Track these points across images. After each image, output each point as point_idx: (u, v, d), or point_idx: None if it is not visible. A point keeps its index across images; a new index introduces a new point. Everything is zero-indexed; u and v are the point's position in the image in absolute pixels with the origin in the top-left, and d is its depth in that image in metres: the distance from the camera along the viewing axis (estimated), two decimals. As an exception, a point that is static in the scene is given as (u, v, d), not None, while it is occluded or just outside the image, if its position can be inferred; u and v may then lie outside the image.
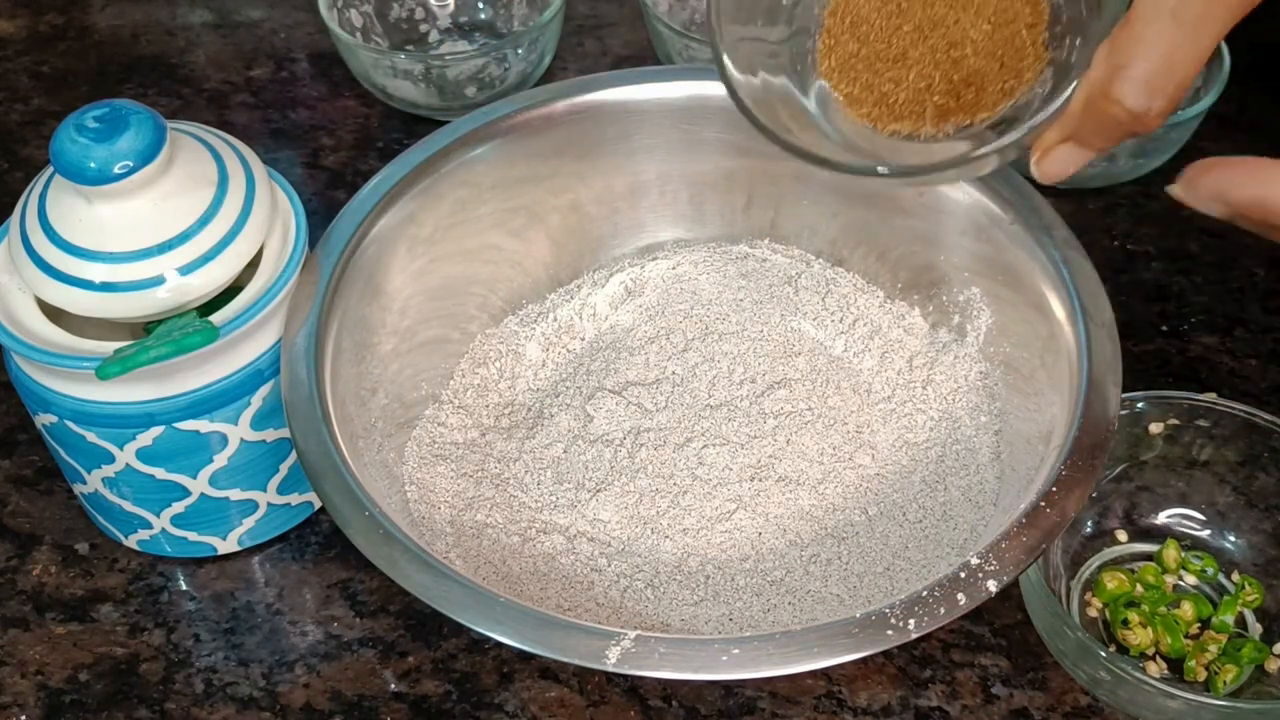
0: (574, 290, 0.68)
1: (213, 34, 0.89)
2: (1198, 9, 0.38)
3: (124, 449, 0.55)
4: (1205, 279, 0.72)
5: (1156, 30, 0.39)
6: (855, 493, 0.59)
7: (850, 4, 0.50)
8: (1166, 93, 0.40)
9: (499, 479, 0.60)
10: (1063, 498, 0.49)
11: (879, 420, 0.61)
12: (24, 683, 0.57)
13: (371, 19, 0.83)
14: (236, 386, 0.55)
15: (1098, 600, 0.58)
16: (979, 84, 0.48)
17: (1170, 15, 0.38)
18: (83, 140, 0.51)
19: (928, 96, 0.48)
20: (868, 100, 0.50)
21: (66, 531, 0.62)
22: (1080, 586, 0.59)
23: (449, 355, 0.64)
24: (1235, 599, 0.57)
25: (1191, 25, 0.38)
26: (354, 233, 0.59)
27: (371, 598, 0.59)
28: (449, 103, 0.79)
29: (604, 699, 0.56)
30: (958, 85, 0.48)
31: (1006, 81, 0.48)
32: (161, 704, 0.56)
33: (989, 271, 0.61)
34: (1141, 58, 0.39)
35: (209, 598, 0.60)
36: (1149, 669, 0.56)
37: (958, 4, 0.48)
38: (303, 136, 0.82)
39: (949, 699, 0.55)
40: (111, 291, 0.52)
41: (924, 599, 0.47)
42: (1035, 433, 0.56)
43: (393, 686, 0.57)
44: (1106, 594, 0.58)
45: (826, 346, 0.65)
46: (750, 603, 0.55)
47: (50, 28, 0.90)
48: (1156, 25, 0.39)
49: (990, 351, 0.61)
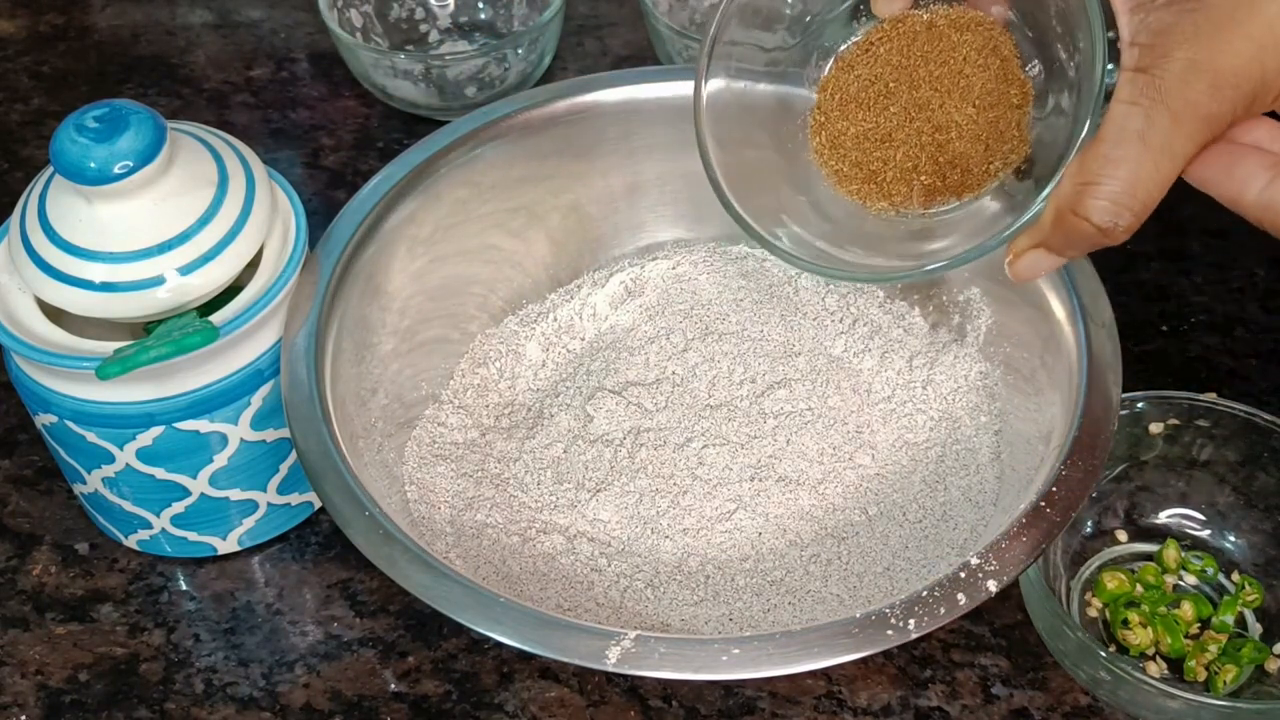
0: (574, 290, 0.68)
1: (213, 34, 0.89)
2: (1164, 135, 0.39)
3: (124, 449, 0.55)
4: (1205, 279, 0.72)
5: (1123, 153, 0.40)
6: (855, 493, 0.59)
7: (841, 82, 0.51)
8: (1133, 210, 0.41)
9: (499, 479, 0.60)
10: (1063, 498, 0.49)
11: (879, 420, 0.61)
12: (24, 683, 0.57)
13: (371, 19, 0.83)
14: (236, 386, 0.55)
15: (1098, 600, 0.58)
16: (964, 166, 0.49)
17: (1138, 138, 0.40)
18: (83, 140, 0.51)
19: (915, 176, 0.50)
20: (856, 177, 0.52)
21: (66, 531, 0.62)
22: (1080, 586, 0.59)
23: (449, 355, 0.64)
24: (1235, 599, 0.57)
25: (1158, 149, 0.40)
26: (354, 233, 0.59)
27: (371, 598, 0.59)
28: (449, 103, 0.79)
29: (604, 699, 0.56)
30: (944, 166, 0.49)
31: (991, 164, 0.49)
32: (161, 704, 0.56)
33: (989, 271, 0.61)
34: (1109, 178, 0.41)
35: (209, 598, 0.60)
36: (1149, 669, 0.56)
37: (943, 88, 0.49)
38: (303, 136, 0.82)
39: (949, 699, 0.55)
40: (111, 291, 0.52)
41: (924, 599, 0.47)
42: (1035, 433, 0.56)
43: (393, 686, 0.57)
44: (1106, 594, 0.58)
45: (826, 346, 0.65)
46: (750, 603, 0.55)
47: (50, 28, 0.90)
48: (1124, 148, 0.40)
49: (990, 351, 0.61)
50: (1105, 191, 0.41)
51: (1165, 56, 0.39)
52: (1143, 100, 0.40)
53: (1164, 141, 0.40)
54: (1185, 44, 0.38)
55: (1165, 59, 0.39)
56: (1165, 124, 0.40)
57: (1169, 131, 0.40)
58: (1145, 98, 0.39)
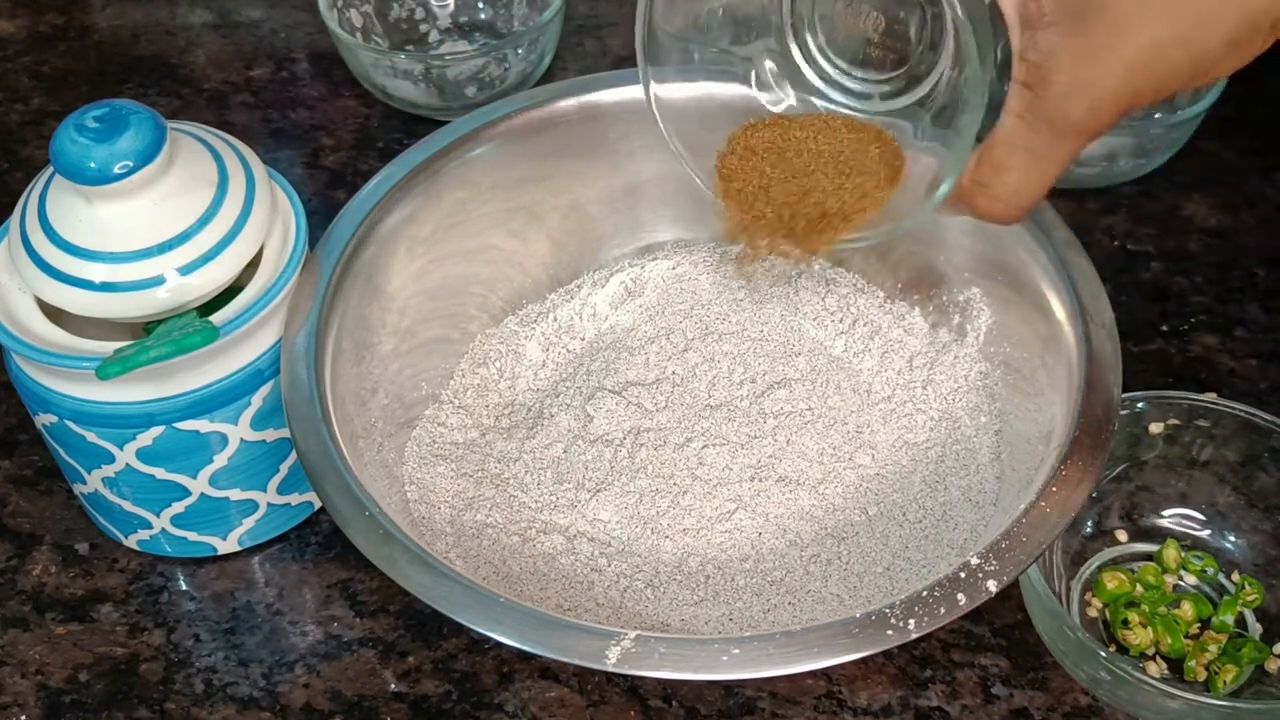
0: (574, 290, 0.68)
1: (213, 34, 0.89)
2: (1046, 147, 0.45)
3: (124, 449, 0.55)
4: (1205, 279, 0.72)
5: (1012, 161, 0.46)
6: (855, 493, 0.59)
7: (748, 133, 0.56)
8: (1021, 208, 0.47)
9: (499, 479, 0.60)
10: (1063, 498, 0.49)
11: (879, 420, 0.61)
12: (24, 683, 0.57)
13: (371, 19, 0.83)
14: (236, 386, 0.55)
15: (1098, 600, 0.58)
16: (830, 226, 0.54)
17: (1024, 149, 0.45)
18: (83, 140, 0.51)
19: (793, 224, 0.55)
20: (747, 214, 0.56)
21: (66, 531, 0.62)
22: (1080, 586, 0.59)
23: (449, 355, 0.64)
24: (1235, 599, 0.57)
25: (1042, 158, 0.45)
26: (354, 233, 0.59)
27: (371, 598, 0.59)
28: (449, 103, 0.79)
29: (604, 699, 0.56)
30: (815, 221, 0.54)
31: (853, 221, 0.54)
32: (161, 704, 0.56)
33: (989, 271, 0.61)
34: (999, 183, 0.47)
35: (209, 598, 0.60)
36: (1149, 669, 0.56)
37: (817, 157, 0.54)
38: (303, 136, 0.82)
39: (949, 699, 0.55)
40: (111, 291, 0.52)
41: (924, 599, 0.47)
42: (1035, 433, 0.56)
43: (393, 686, 0.57)
44: (1106, 594, 0.58)
45: (826, 346, 0.65)
46: (750, 603, 0.55)
47: (50, 28, 0.90)
48: (1013, 157, 0.46)
49: (990, 351, 0.61)
50: (995, 194, 0.47)
51: (1049, 78, 0.43)
52: (1028, 115, 0.44)
53: (1047, 153, 0.45)
54: (1066, 68, 0.42)
55: (1049, 80, 0.43)
56: (1049, 138, 0.44)
57: (1052, 144, 0.45)
58: (1031, 113, 0.44)
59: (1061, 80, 0.43)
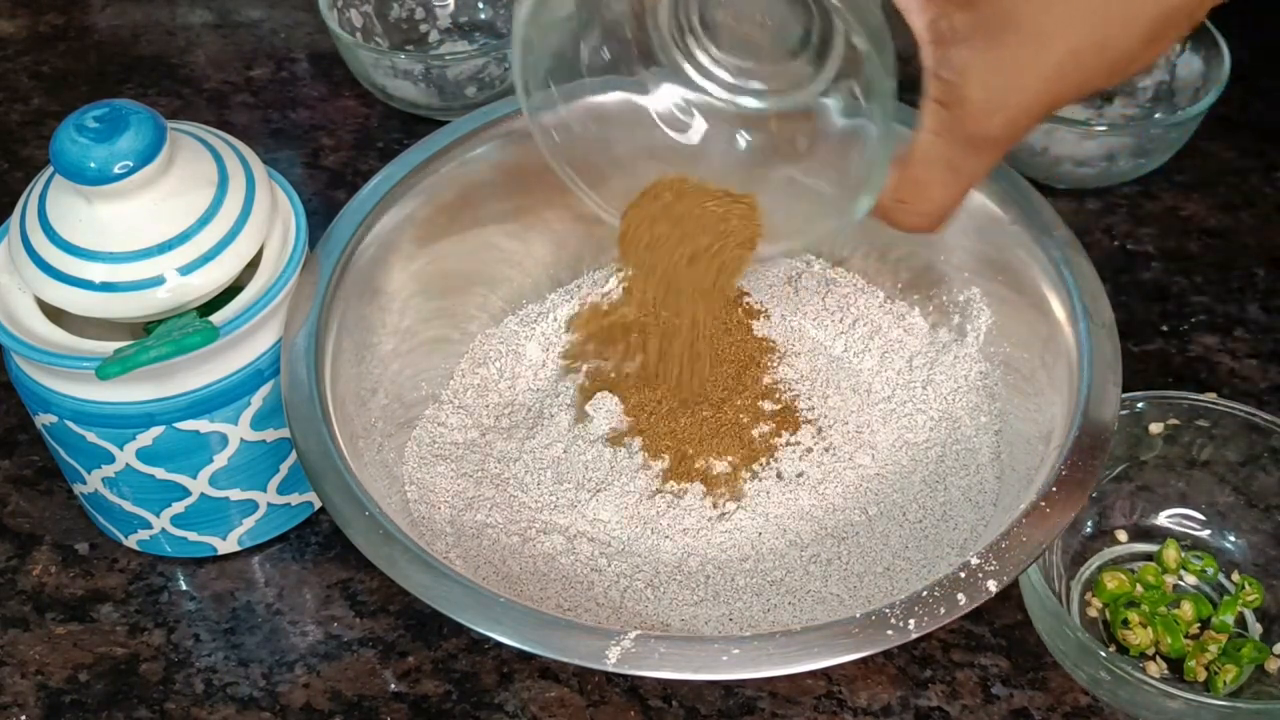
0: (574, 290, 0.68)
1: (213, 34, 0.89)
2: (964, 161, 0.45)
3: (124, 449, 0.55)
4: (1205, 279, 0.72)
5: (931, 177, 0.46)
6: (855, 493, 0.59)
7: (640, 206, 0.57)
8: (941, 220, 0.48)
9: (499, 479, 0.60)
10: (1063, 498, 0.49)
11: (879, 420, 0.61)
12: (24, 683, 0.57)
13: (371, 19, 0.83)
14: (236, 386, 0.55)
15: (1098, 600, 0.58)
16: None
17: (943, 165, 0.45)
18: (83, 140, 0.51)
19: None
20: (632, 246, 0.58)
21: (66, 531, 0.62)
22: (1080, 586, 0.59)
23: (449, 355, 0.64)
24: (1235, 599, 0.57)
25: (960, 173, 0.45)
26: (354, 233, 0.59)
27: (371, 598, 0.59)
28: (449, 103, 0.79)
29: (604, 699, 0.56)
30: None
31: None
32: (161, 704, 0.56)
33: (989, 271, 0.61)
34: (920, 199, 0.47)
35: (209, 598, 0.60)
36: (1149, 669, 0.56)
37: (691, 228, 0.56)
38: (303, 136, 0.82)
39: (949, 699, 0.55)
40: (111, 291, 0.52)
41: (924, 599, 0.47)
42: (1035, 433, 0.56)
43: (393, 686, 0.57)
44: (1106, 594, 0.58)
45: (826, 346, 0.65)
46: (750, 603, 0.55)
47: (50, 28, 0.90)
48: (931, 172, 0.46)
49: (990, 351, 0.61)
50: (916, 210, 0.48)
51: (965, 95, 0.42)
52: (945, 133, 0.44)
53: (966, 167, 0.45)
54: (981, 85, 0.42)
55: (965, 97, 0.42)
56: (967, 153, 0.44)
57: (970, 159, 0.45)
58: (948, 131, 0.44)
59: (977, 97, 0.42)
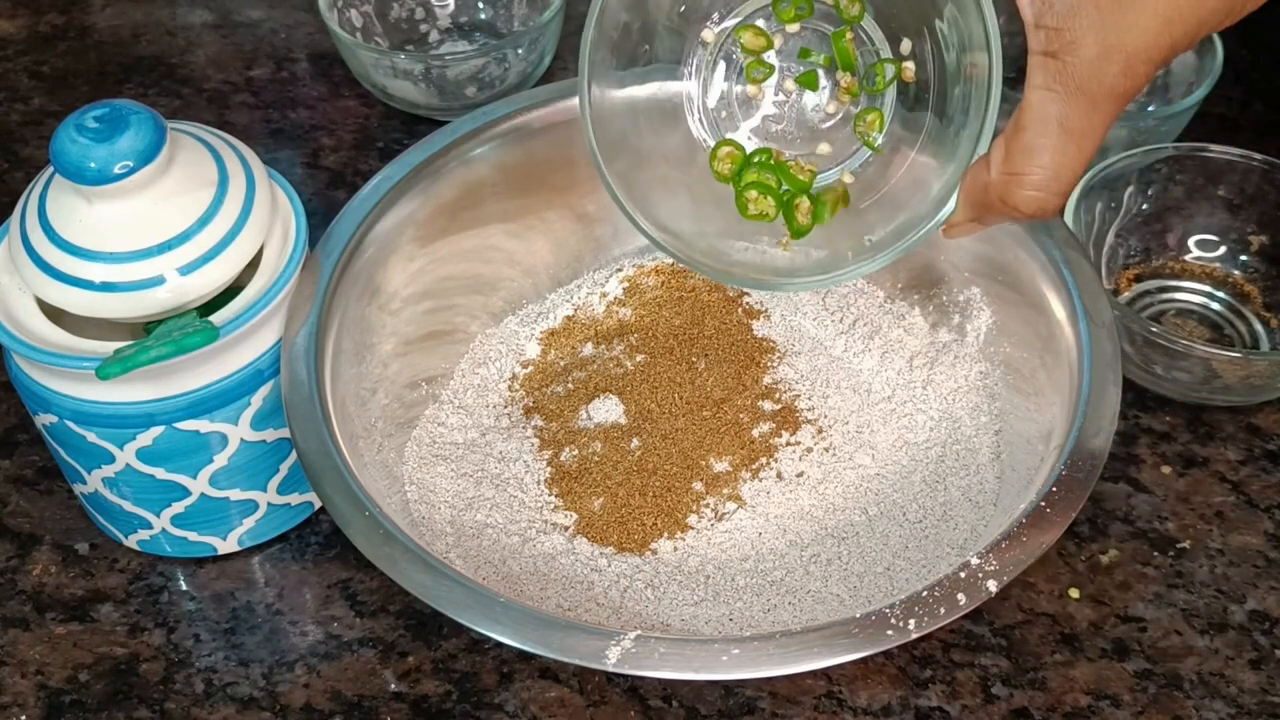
0: (574, 290, 0.68)
1: (213, 34, 0.89)
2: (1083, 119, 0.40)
3: (124, 449, 0.55)
4: (1205, 279, 0.72)
5: (1046, 141, 0.41)
6: (855, 493, 0.59)
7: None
8: (1061, 194, 0.43)
9: (499, 479, 0.60)
10: (1063, 498, 0.49)
11: (879, 420, 0.61)
12: (24, 683, 0.57)
13: (371, 19, 0.83)
14: (236, 386, 0.55)
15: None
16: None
17: (1058, 125, 0.41)
18: (83, 140, 0.51)
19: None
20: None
21: (66, 531, 0.62)
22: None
23: (449, 355, 0.64)
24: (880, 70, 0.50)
25: (1079, 134, 0.41)
26: (354, 233, 0.59)
27: (371, 598, 0.59)
28: (449, 103, 0.79)
29: (604, 699, 0.56)
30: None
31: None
32: (161, 704, 0.56)
33: (989, 271, 0.61)
34: (1036, 168, 0.42)
35: (209, 598, 0.60)
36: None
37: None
38: (303, 136, 0.82)
39: (949, 699, 0.55)
40: (111, 291, 0.52)
41: (924, 599, 0.47)
42: (1035, 433, 0.56)
43: (393, 686, 0.57)
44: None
45: (826, 346, 0.65)
46: (750, 603, 0.55)
47: (50, 28, 0.90)
48: (1046, 136, 0.41)
49: (990, 351, 0.61)
50: (1032, 181, 0.42)
51: (1075, 42, 0.39)
52: (1057, 87, 0.40)
53: (1084, 126, 0.41)
54: (1094, 28, 0.38)
55: (1076, 44, 0.39)
56: (1084, 108, 0.40)
57: (1088, 115, 0.40)
58: (1060, 84, 0.40)
59: (1089, 43, 0.39)
